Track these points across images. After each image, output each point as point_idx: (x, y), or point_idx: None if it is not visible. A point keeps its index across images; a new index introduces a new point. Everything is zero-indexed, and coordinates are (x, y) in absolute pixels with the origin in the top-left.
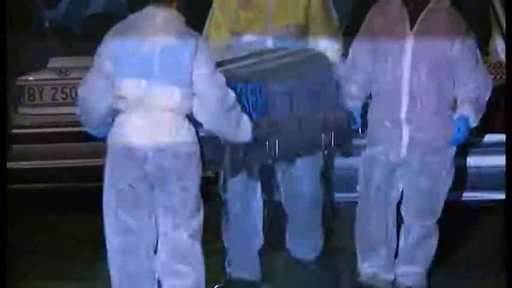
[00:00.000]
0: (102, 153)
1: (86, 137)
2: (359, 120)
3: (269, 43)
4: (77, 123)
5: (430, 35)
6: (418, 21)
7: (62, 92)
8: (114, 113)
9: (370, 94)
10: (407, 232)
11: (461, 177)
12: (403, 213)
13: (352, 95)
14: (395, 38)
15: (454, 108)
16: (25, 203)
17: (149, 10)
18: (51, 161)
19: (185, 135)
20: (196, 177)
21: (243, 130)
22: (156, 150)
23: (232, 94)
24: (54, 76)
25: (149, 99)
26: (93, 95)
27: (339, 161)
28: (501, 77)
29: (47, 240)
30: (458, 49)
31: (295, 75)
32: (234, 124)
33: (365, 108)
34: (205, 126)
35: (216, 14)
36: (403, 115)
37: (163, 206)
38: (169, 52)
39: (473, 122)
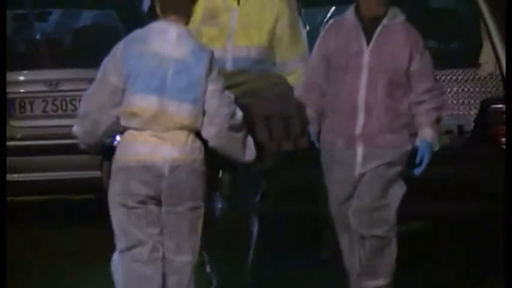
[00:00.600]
0: (94, 165)
1: (78, 150)
2: (317, 144)
3: (228, 63)
4: (68, 136)
5: (386, 51)
6: (374, 37)
7: (53, 104)
8: (121, 129)
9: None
10: (362, 245)
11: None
12: (356, 226)
13: (308, 118)
14: (351, 55)
15: (409, 125)
16: (17, 215)
17: (160, 25)
18: (43, 173)
19: (198, 153)
20: (205, 197)
21: (249, 149)
22: (171, 167)
23: (240, 113)
24: (44, 88)
25: (163, 116)
26: (98, 110)
27: None
28: (497, 89)
29: (37, 253)
30: (416, 65)
31: (252, 102)
32: (241, 143)
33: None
34: (212, 143)
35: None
36: (358, 131)
37: (169, 227)
38: (184, 68)
39: (436, 147)
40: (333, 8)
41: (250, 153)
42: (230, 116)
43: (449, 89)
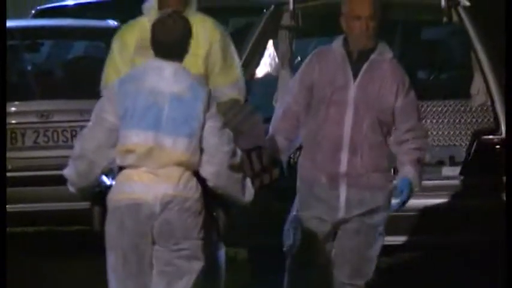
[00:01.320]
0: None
1: None
2: (287, 175)
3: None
4: (60, 167)
5: (373, 87)
6: (361, 72)
7: (44, 136)
8: (116, 169)
9: (300, 146)
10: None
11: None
12: (336, 273)
13: (279, 148)
14: (336, 87)
15: (391, 165)
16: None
17: (155, 63)
18: (34, 204)
19: (193, 191)
20: (201, 238)
21: (248, 190)
22: (162, 204)
23: (239, 152)
24: (36, 119)
25: (158, 152)
26: (94, 150)
27: None
28: (489, 119)
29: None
30: (401, 104)
31: None
32: (240, 183)
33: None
34: (211, 182)
35: (115, 58)
36: (342, 169)
37: (159, 266)
38: (180, 104)
39: (416, 186)
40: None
41: (249, 193)
42: (230, 154)
43: (440, 120)
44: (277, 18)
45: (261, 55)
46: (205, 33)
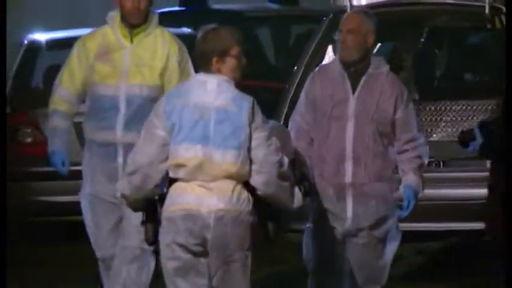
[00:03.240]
0: None
1: None
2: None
3: (122, 101)
4: None
5: (372, 100)
6: (360, 85)
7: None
8: (169, 181)
9: None
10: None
11: None
12: (351, 278)
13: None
14: (336, 102)
15: (394, 173)
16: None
17: (200, 77)
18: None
19: (246, 204)
20: (251, 247)
21: (296, 198)
22: (217, 218)
23: (287, 161)
24: None
25: (208, 165)
26: (148, 164)
27: None
28: None
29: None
30: (400, 115)
31: None
32: (289, 191)
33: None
34: (261, 191)
35: (73, 61)
36: (347, 180)
37: (217, 277)
38: (226, 116)
39: (419, 192)
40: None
41: (297, 200)
42: (278, 164)
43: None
44: (335, 26)
45: (321, 59)
46: (163, 45)
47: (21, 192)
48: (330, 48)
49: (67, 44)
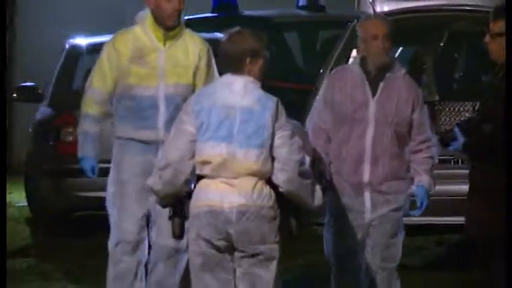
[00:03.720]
0: None
1: None
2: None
3: (161, 100)
4: None
5: (391, 103)
6: (379, 89)
7: None
8: (196, 178)
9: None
10: (370, 279)
11: None
12: (370, 261)
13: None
14: (357, 105)
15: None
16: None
17: (227, 78)
18: None
19: (267, 199)
20: (277, 239)
21: (317, 197)
22: (238, 213)
23: (307, 159)
24: None
25: (231, 162)
26: (178, 159)
27: None
28: None
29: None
30: (416, 117)
31: None
32: (310, 188)
33: None
34: (284, 188)
35: (104, 63)
36: (365, 179)
37: (242, 270)
38: (250, 116)
39: (431, 191)
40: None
41: (318, 198)
42: (300, 162)
43: None
44: None
45: (346, 62)
46: (195, 47)
47: (62, 188)
48: (354, 52)
49: None
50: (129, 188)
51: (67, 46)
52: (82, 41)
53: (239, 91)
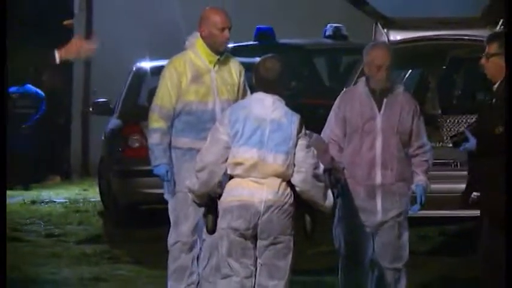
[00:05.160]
0: None
1: None
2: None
3: (218, 114)
4: None
5: (395, 116)
6: (384, 105)
7: None
8: (228, 178)
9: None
10: (380, 278)
11: None
12: (380, 261)
13: (339, 169)
14: (366, 119)
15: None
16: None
17: (259, 95)
18: None
19: (289, 197)
20: (292, 234)
21: (328, 197)
22: (266, 207)
23: (322, 166)
24: None
25: (261, 166)
26: (214, 163)
27: None
28: None
29: None
30: (415, 126)
31: None
32: (323, 190)
33: None
34: (299, 187)
35: (167, 84)
36: (378, 182)
37: (263, 256)
38: (278, 127)
39: (428, 190)
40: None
41: (329, 200)
42: (314, 166)
43: None
44: None
45: None
46: (235, 68)
47: (129, 186)
48: None
49: None
50: (186, 195)
51: (134, 68)
52: (146, 64)
53: (269, 106)
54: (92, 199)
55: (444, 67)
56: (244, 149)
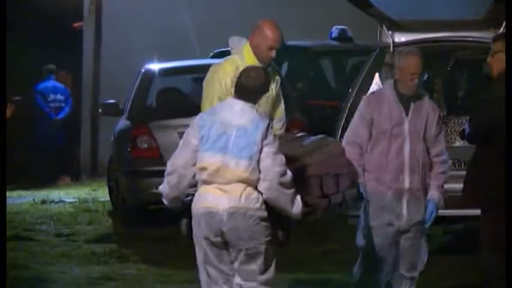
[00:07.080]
0: None
1: None
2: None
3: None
4: None
5: (420, 121)
6: (411, 110)
7: None
8: (196, 184)
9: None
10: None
11: None
12: (401, 269)
13: (357, 173)
14: (394, 123)
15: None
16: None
17: (230, 101)
18: None
19: (254, 202)
20: (266, 238)
21: (295, 206)
22: (229, 214)
23: (290, 174)
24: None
25: (224, 171)
26: (183, 166)
27: None
28: None
29: None
30: (438, 132)
31: None
32: (289, 198)
33: None
34: (265, 195)
35: (218, 87)
36: (406, 185)
37: (238, 262)
38: (244, 133)
39: (440, 207)
40: None
41: (297, 208)
42: (280, 174)
43: None
44: (381, 58)
45: (369, 84)
46: (276, 79)
47: (137, 186)
48: (376, 75)
49: (176, 72)
50: None
51: (142, 70)
52: (154, 66)
53: (237, 112)
54: (101, 199)
55: (449, 68)
56: (209, 154)
